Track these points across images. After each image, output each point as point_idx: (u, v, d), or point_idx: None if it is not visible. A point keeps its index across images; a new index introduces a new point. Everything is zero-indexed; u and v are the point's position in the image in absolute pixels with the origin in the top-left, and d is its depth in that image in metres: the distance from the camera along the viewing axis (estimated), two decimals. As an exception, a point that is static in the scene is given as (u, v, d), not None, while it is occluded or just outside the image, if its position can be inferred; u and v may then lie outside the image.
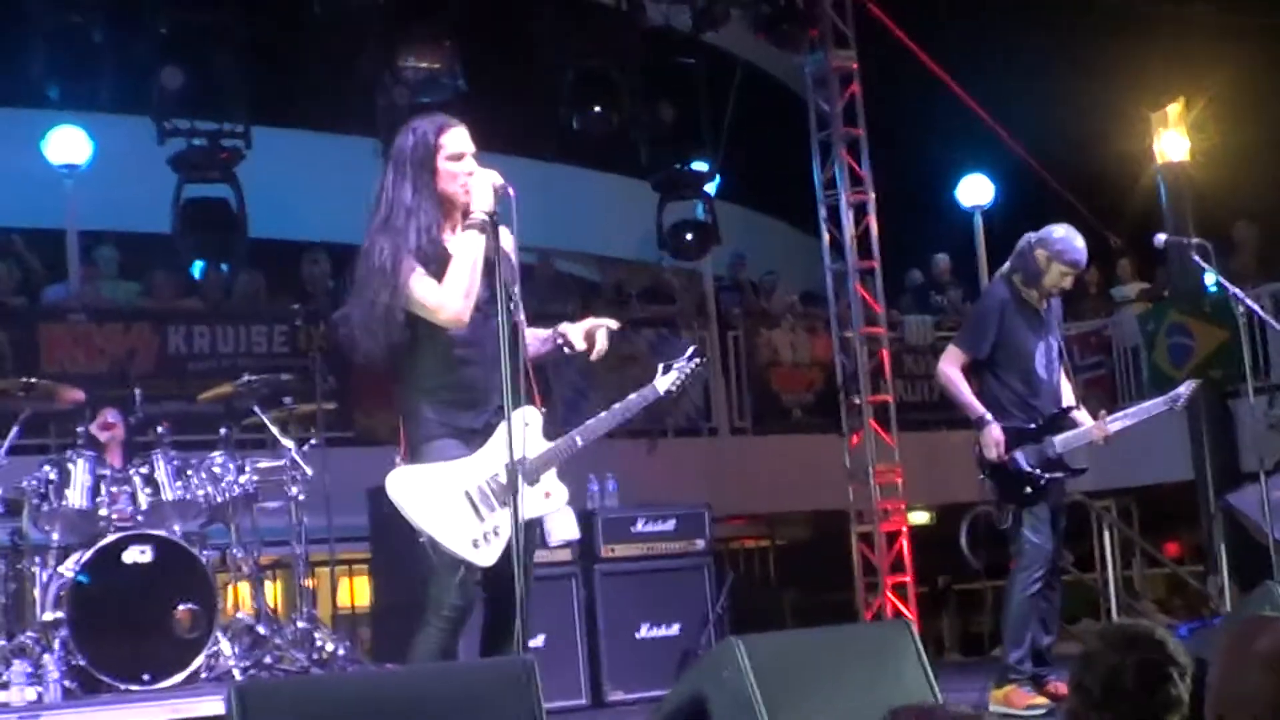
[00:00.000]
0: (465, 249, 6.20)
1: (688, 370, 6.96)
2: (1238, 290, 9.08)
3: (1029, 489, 8.86)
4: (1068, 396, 9.15)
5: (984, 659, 16.41)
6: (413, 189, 6.28)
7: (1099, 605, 15.92)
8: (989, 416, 8.84)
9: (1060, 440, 8.88)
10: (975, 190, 19.75)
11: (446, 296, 6.17)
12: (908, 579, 14.68)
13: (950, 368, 9.03)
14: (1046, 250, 8.99)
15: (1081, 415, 9.11)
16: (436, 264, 6.19)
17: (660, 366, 6.90)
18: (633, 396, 6.87)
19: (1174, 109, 17.99)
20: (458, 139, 6.36)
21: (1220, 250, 9.58)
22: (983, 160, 19.45)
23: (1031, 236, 9.11)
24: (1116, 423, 8.96)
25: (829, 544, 16.42)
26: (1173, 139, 17.84)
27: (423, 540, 6.10)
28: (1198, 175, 17.84)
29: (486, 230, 6.20)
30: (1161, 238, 9.22)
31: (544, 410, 6.45)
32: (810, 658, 6.05)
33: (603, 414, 6.65)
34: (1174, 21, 17.80)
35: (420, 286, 6.15)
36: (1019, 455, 8.85)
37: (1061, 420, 8.98)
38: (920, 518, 17.82)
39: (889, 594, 14.51)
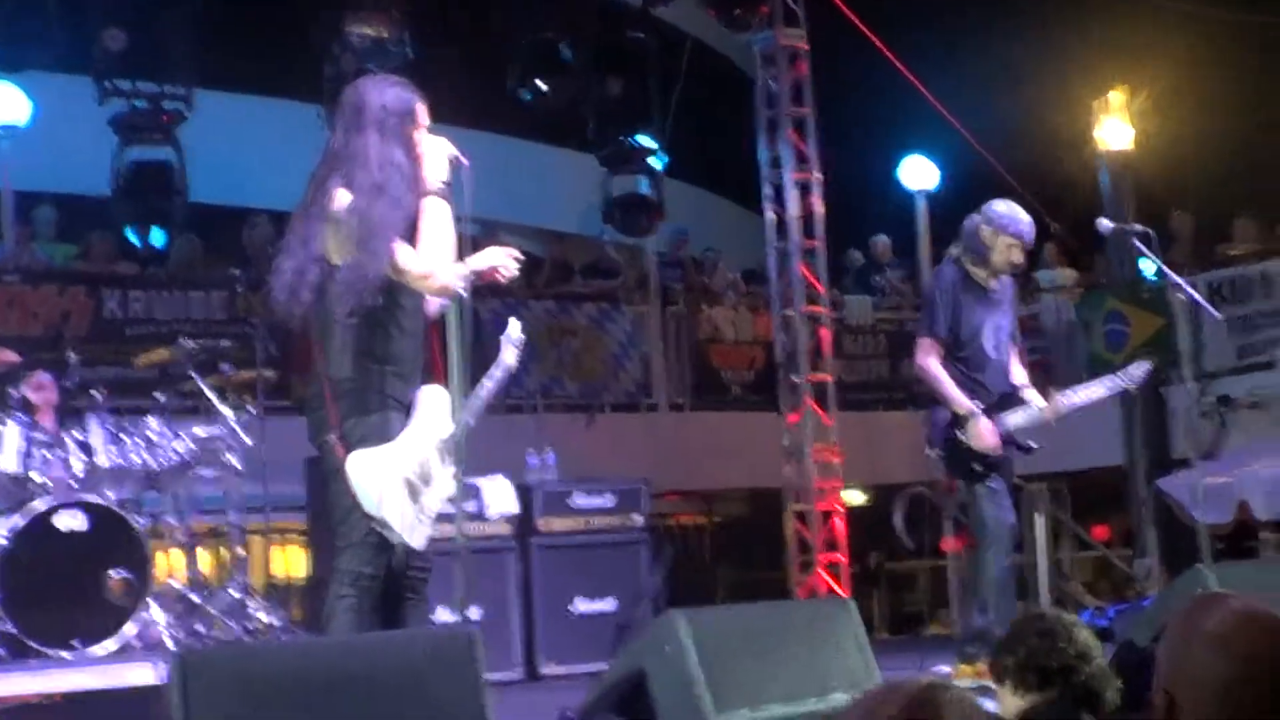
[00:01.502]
0: (440, 217, 6.17)
1: (519, 343, 6.90)
2: (1178, 278, 9.12)
3: (979, 465, 8.85)
4: (1018, 375, 9.15)
5: (914, 637, 16.51)
6: (404, 154, 6.24)
7: (1028, 587, 16.02)
8: (978, 410, 8.81)
9: (1010, 418, 8.88)
10: (918, 173, 19.78)
11: (436, 265, 6.13)
12: (841, 558, 14.72)
13: (928, 360, 8.99)
14: (991, 226, 9.01)
15: (1031, 394, 9.13)
16: (412, 232, 6.15)
17: (504, 340, 6.86)
18: (498, 372, 6.82)
19: (1116, 96, 18.07)
20: (424, 112, 6.34)
21: (1158, 238, 9.60)
22: (926, 143, 19.46)
23: (976, 216, 9.13)
24: (1067, 401, 8.98)
25: (765, 521, 16.45)
26: (1115, 126, 17.94)
27: (374, 525, 6.06)
28: (1138, 163, 17.94)
29: (448, 198, 6.17)
30: (1105, 224, 9.25)
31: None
32: (751, 633, 6.06)
33: (479, 391, 6.61)
34: (1119, 9, 17.87)
35: (410, 255, 6.11)
36: (968, 430, 8.84)
37: (1011, 398, 8.99)
38: (856, 497, 17.86)
39: (822, 572, 14.54)
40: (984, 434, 8.76)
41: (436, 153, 6.23)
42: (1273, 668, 2.85)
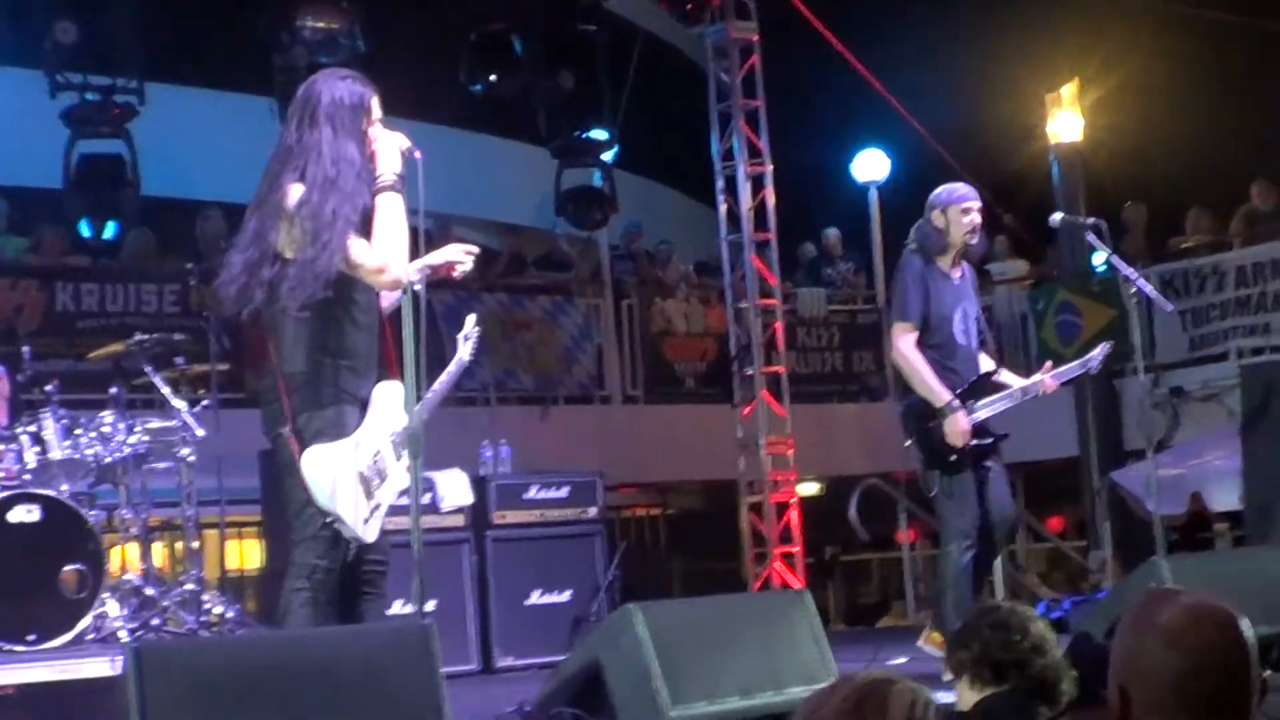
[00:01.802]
0: (394, 211, 6.15)
1: (474, 337, 6.96)
2: (1130, 270, 9.15)
3: (954, 456, 8.83)
4: (986, 363, 9.14)
5: (870, 629, 16.57)
6: (357, 149, 6.23)
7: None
8: (957, 403, 8.79)
9: (982, 406, 8.87)
10: (871, 165, 19.82)
11: (390, 259, 6.11)
12: (796, 549, 14.76)
13: (907, 347, 8.86)
14: (937, 208, 8.99)
15: (1009, 377, 9.13)
16: (367, 226, 6.15)
17: (460, 336, 6.92)
18: (452, 367, 6.87)
19: (1068, 90, 18.14)
20: (378, 103, 6.34)
21: (1110, 231, 9.63)
22: (879, 135, 19.52)
23: (920, 221, 9.13)
24: (1064, 376, 9.00)
25: (719, 513, 16.50)
26: (1066, 119, 18.00)
27: (328, 520, 6.05)
28: (1090, 156, 18.02)
29: (401, 192, 6.16)
30: (1057, 217, 9.29)
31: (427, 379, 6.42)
32: (707, 625, 6.08)
33: (434, 386, 6.62)
34: (1071, 3, 17.94)
35: (363, 249, 6.09)
36: (944, 423, 8.83)
37: (982, 386, 8.97)
38: (810, 489, 17.92)
39: (777, 564, 14.58)
40: (959, 429, 8.73)
41: (389, 146, 6.22)
42: (1223, 661, 2.87)
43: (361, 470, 6.13)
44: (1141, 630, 2.92)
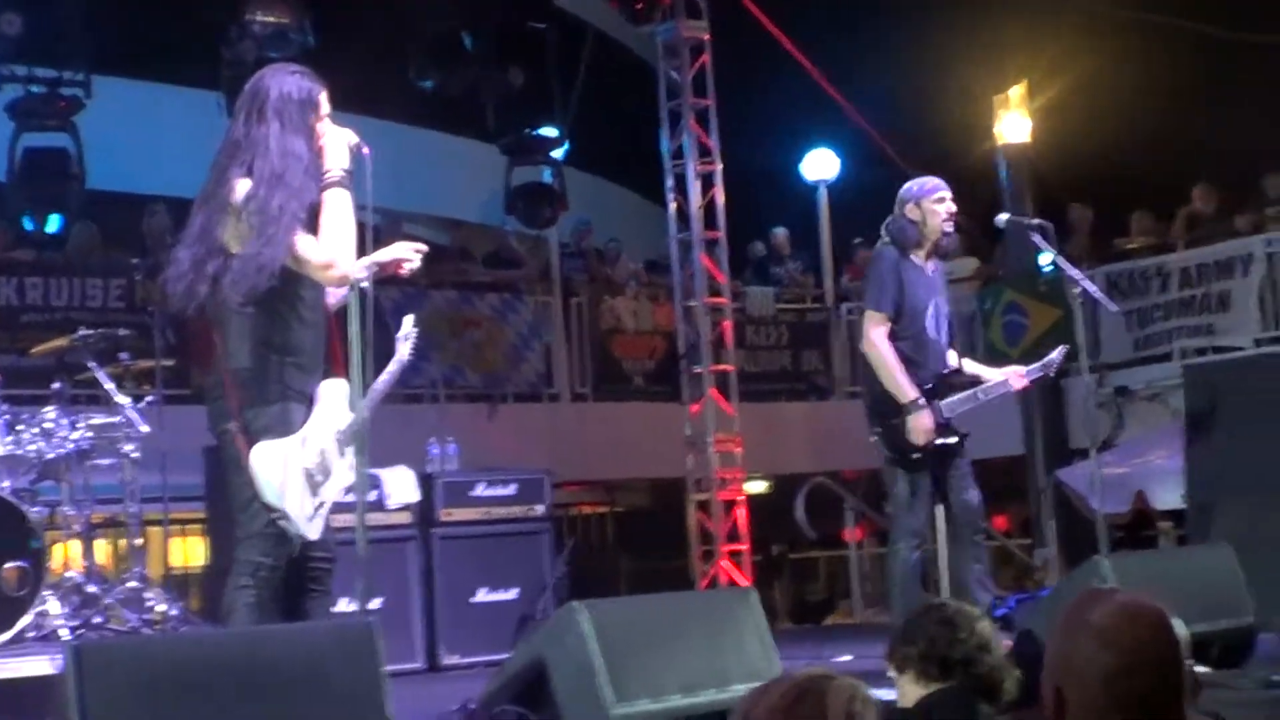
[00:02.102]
0: (341, 207, 6.13)
1: (414, 337, 6.97)
2: (1075, 270, 9.19)
3: (916, 454, 8.83)
4: (953, 359, 9.13)
5: (816, 627, 16.60)
6: (305, 144, 6.21)
7: (929, 575, 16.14)
8: (923, 402, 8.78)
9: (946, 404, 8.87)
10: (820, 165, 19.86)
11: (336, 254, 6.09)
12: (743, 547, 14.79)
13: (879, 337, 8.85)
14: (910, 201, 9.01)
15: (978, 369, 9.15)
16: (314, 221, 6.13)
17: (400, 337, 6.93)
18: (392, 366, 6.85)
19: (1017, 91, 18.22)
20: (327, 99, 6.32)
21: (1056, 232, 9.68)
22: (828, 135, 19.56)
23: (892, 217, 9.13)
24: (1032, 375, 9.02)
25: (667, 511, 16.51)
26: (1014, 120, 18.08)
27: (275, 516, 6.03)
28: (1037, 157, 18.10)
29: (349, 187, 6.15)
30: (1003, 217, 9.33)
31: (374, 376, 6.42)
32: (652, 624, 6.08)
33: (377, 384, 6.61)
34: (1020, 5, 18.00)
35: (310, 245, 6.08)
36: (908, 420, 8.81)
37: (949, 382, 8.97)
38: (757, 487, 17.94)
39: (725, 562, 14.60)
40: (922, 427, 8.72)
41: (338, 142, 6.21)
42: (1154, 659, 2.90)
43: (307, 467, 6.12)
44: (1074, 630, 2.94)
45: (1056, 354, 9.12)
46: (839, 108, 17.51)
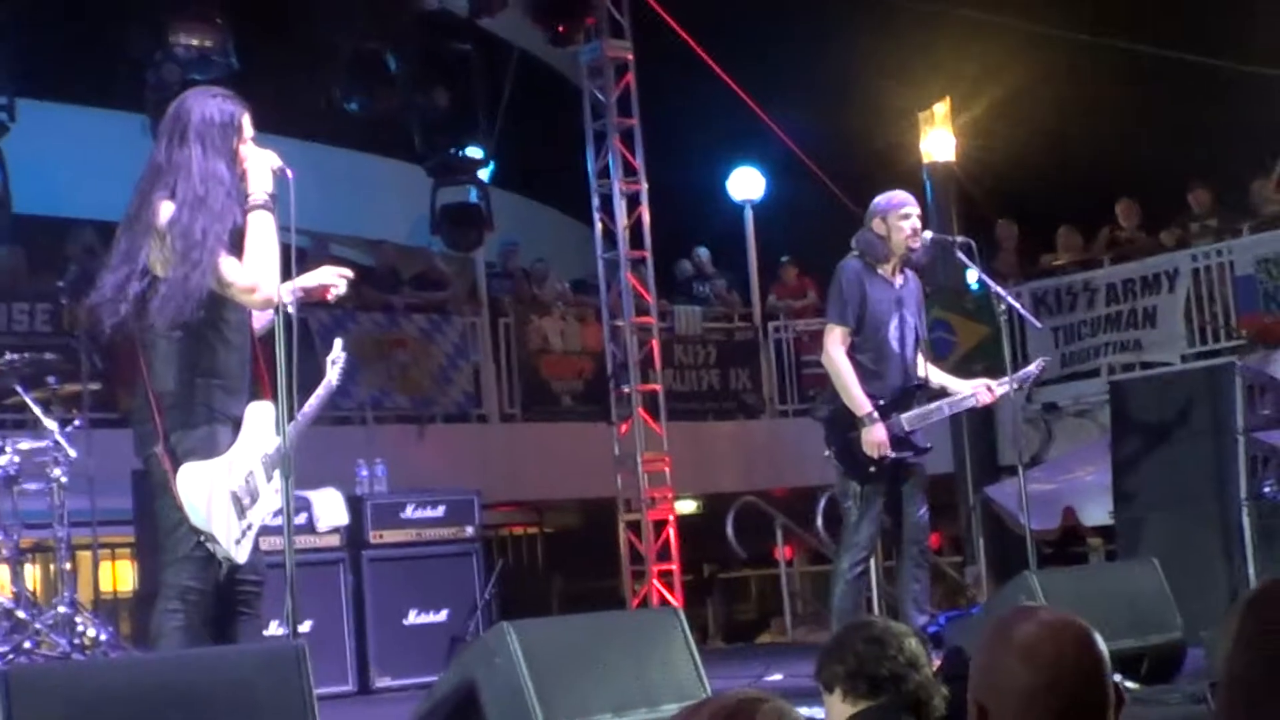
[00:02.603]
0: (264, 230, 6.11)
1: (343, 361, 7.00)
2: (999, 287, 9.25)
3: (873, 468, 8.84)
4: (922, 371, 9.12)
5: (748, 645, 16.61)
6: (227, 167, 6.19)
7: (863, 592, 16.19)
8: (876, 415, 8.79)
9: (907, 418, 8.89)
10: (746, 183, 19.93)
11: (261, 278, 6.07)
12: (674, 567, 14.80)
13: (838, 351, 8.86)
14: (876, 216, 9.03)
15: (946, 379, 9.18)
16: (238, 245, 6.11)
17: (329, 361, 6.95)
18: (320, 390, 6.84)
19: (940, 109, 18.32)
20: (250, 122, 6.30)
21: (982, 249, 9.74)
22: (754, 154, 19.64)
23: (861, 231, 9.16)
24: (1002, 387, 9.03)
25: (597, 532, 16.50)
26: (939, 138, 18.19)
27: (201, 539, 6.00)
28: (963, 174, 18.20)
29: (272, 210, 6.13)
30: (928, 235, 9.35)
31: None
32: (581, 643, 6.08)
33: (305, 409, 6.60)
34: (942, 23, 18.12)
35: (234, 268, 6.05)
36: (861, 433, 8.82)
37: (911, 397, 8.98)
38: (687, 507, 17.96)
39: (656, 582, 14.61)
40: (875, 440, 8.73)
41: (261, 164, 6.19)
42: (1077, 675, 2.92)
43: (234, 490, 6.10)
44: (998, 647, 2.96)
45: (1034, 366, 9.18)
46: (764, 126, 17.58)
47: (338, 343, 6.97)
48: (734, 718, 2.88)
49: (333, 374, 6.91)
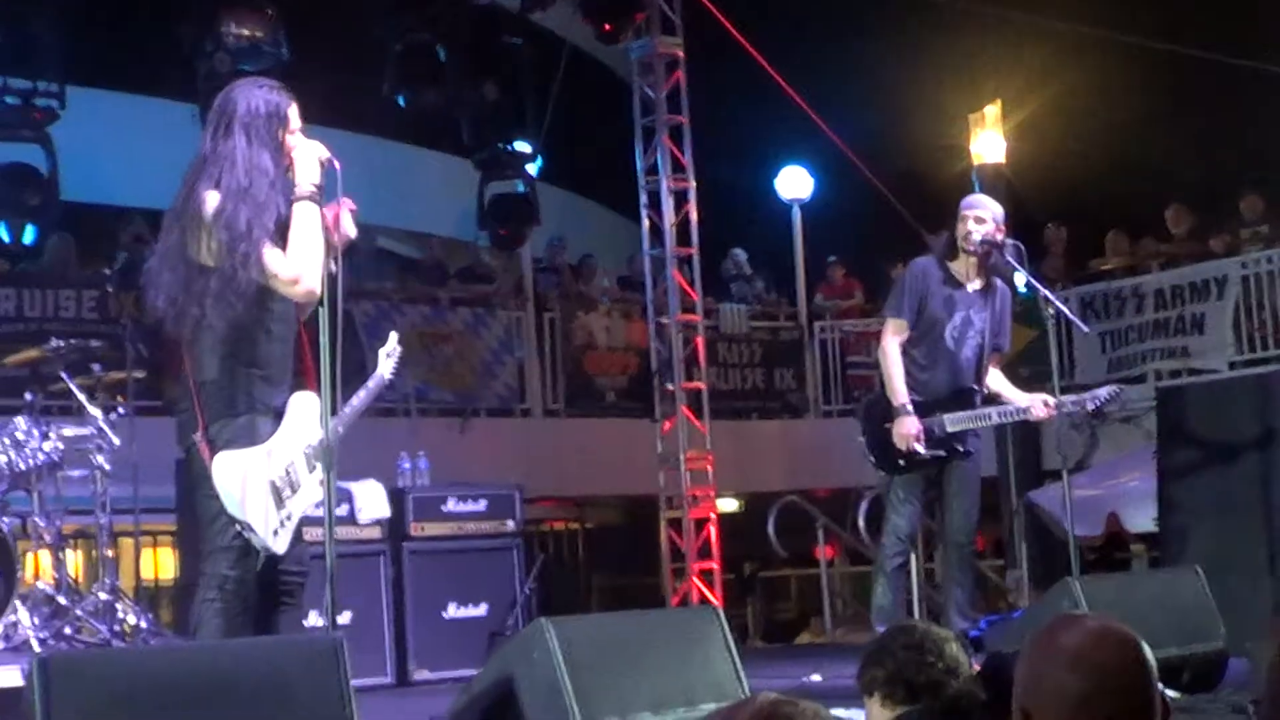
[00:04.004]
0: (310, 221, 6.09)
1: (394, 354, 7.09)
2: (1048, 291, 9.20)
3: (903, 461, 8.82)
4: (985, 378, 9.08)
5: (788, 645, 16.58)
6: (271, 158, 6.19)
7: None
8: (910, 408, 8.78)
9: (950, 418, 8.85)
10: (794, 183, 19.88)
11: (304, 270, 6.05)
12: (714, 565, 14.77)
13: (890, 342, 8.92)
14: (957, 216, 9.07)
15: (1004, 387, 9.13)
16: (283, 236, 6.11)
17: (382, 353, 7.07)
18: (371, 383, 6.94)
19: (992, 110, 18.26)
20: (297, 113, 6.30)
21: (1031, 252, 9.70)
22: (803, 153, 19.59)
23: None
24: (1064, 407, 8.97)
25: (638, 529, 16.50)
26: (989, 140, 18.12)
27: (237, 528, 6.01)
28: (1012, 176, 18.13)
29: (319, 202, 6.12)
30: (977, 237, 9.31)
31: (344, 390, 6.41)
32: (619, 641, 6.05)
33: (354, 401, 6.60)
34: (994, 25, 18.06)
35: (277, 259, 6.05)
36: (894, 424, 8.80)
37: (963, 398, 8.95)
38: (729, 505, 17.93)
39: (696, 580, 14.58)
40: (905, 433, 8.72)
41: (307, 156, 6.18)
42: (1125, 683, 2.89)
43: (273, 479, 6.09)
44: (1044, 654, 2.94)
45: (1105, 391, 9.10)
46: (814, 126, 17.52)
47: (393, 335, 6.97)
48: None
49: (385, 366, 6.91)
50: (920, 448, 8.76)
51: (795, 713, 2.87)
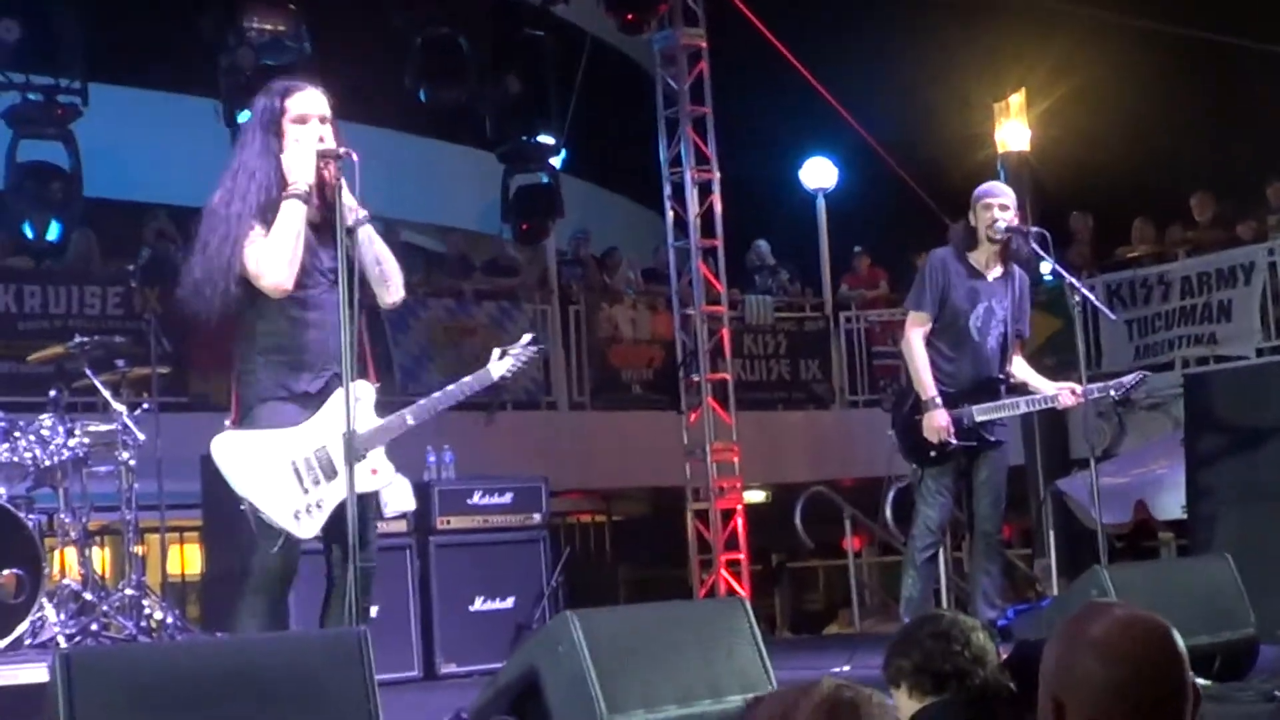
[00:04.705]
0: (284, 218, 6.13)
1: (524, 358, 6.89)
2: (1074, 279, 9.16)
3: (933, 452, 8.80)
4: (1010, 366, 9.06)
5: (815, 636, 16.55)
6: (258, 151, 6.26)
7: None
8: (939, 401, 8.76)
9: (979, 409, 8.83)
10: (819, 172, 19.86)
11: (265, 264, 6.10)
12: (741, 556, 14.75)
13: (914, 334, 8.88)
14: (973, 204, 9.02)
15: (1030, 376, 9.10)
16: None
17: (496, 352, 6.82)
18: (467, 379, 6.76)
19: (1016, 99, 18.21)
20: (302, 102, 6.30)
21: (1056, 240, 9.65)
22: (827, 143, 19.56)
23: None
24: (1091, 394, 8.95)
25: (665, 520, 16.47)
26: (1014, 128, 18.07)
27: (243, 507, 6.03)
28: (1037, 165, 18.08)
29: (307, 200, 6.13)
30: (1001, 225, 9.27)
31: (378, 384, 6.38)
32: (645, 633, 6.03)
33: (436, 394, 6.57)
34: (1019, 13, 18.00)
35: (251, 251, 6.11)
36: (924, 417, 8.78)
37: (990, 388, 8.92)
38: (756, 496, 17.91)
39: (723, 571, 14.56)
40: (935, 425, 8.69)
41: (300, 154, 6.20)
42: (1158, 673, 2.87)
43: (294, 461, 6.09)
44: (1075, 643, 2.91)
45: (1130, 378, 9.08)
46: (838, 116, 17.49)
47: (527, 336, 6.92)
48: (838, 707, 2.83)
49: (498, 367, 6.80)
50: (951, 439, 8.73)
51: (860, 699, 2.85)
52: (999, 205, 8.96)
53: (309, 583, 6.34)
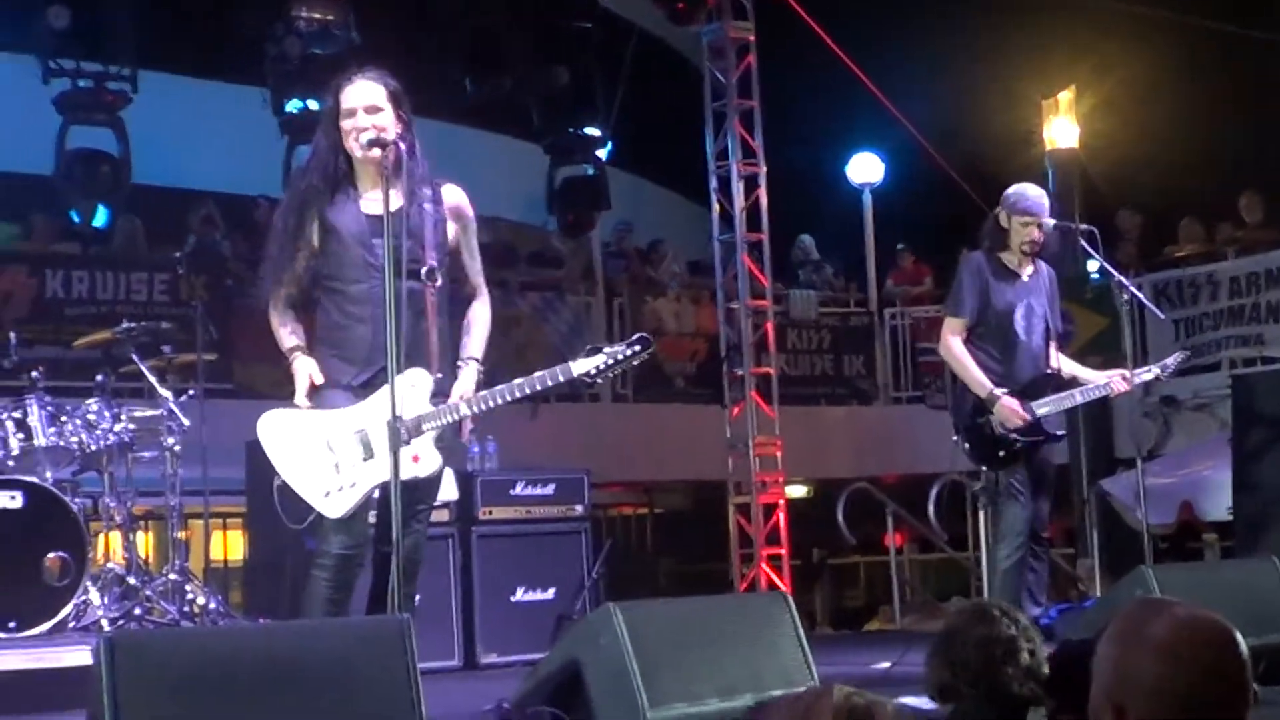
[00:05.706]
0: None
1: (618, 356, 6.58)
2: (1122, 277, 9.13)
3: (1003, 453, 8.77)
4: (1055, 362, 9.05)
5: (855, 632, 16.51)
6: (319, 142, 6.47)
7: (970, 584, 16.07)
8: (998, 392, 8.74)
9: (1039, 404, 8.81)
10: (865, 168, 19.82)
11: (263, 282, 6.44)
12: (783, 551, 14.72)
13: (954, 340, 8.86)
14: (1004, 208, 8.96)
15: (1077, 369, 9.09)
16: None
17: (586, 348, 6.64)
18: (543, 373, 6.67)
19: (1065, 96, 18.15)
20: (350, 95, 6.36)
21: (1104, 238, 9.62)
22: (874, 138, 19.52)
23: (991, 214, 9.11)
24: (1139, 377, 8.96)
25: (706, 514, 16.46)
26: (1063, 126, 18.02)
27: (278, 483, 6.09)
28: (1086, 162, 18.01)
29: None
30: (1050, 222, 9.24)
31: (439, 375, 6.37)
32: (687, 626, 6.02)
33: (500, 386, 6.52)
34: (1069, 10, 17.93)
35: (271, 312, 6.49)
36: (993, 419, 8.76)
37: (1043, 384, 8.90)
38: (798, 491, 17.89)
39: (764, 565, 14.54)
40: (1011, 412, 8.67)
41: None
42: (1224, 676, 2.83)
43: (329, 440, 6.11)
44: (1134, 644, 2.86)
45: (1174, 359, 9.06)
46: (885, 111, 17.45)
47: (644, 338, 6.80)
48: (852, 713, 2.83)
49: (583, 365, 6.69)
50: (1030, 416, 8.70)
51: (874, 707, 2.84)
52: (1035, 223, 8.92)
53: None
